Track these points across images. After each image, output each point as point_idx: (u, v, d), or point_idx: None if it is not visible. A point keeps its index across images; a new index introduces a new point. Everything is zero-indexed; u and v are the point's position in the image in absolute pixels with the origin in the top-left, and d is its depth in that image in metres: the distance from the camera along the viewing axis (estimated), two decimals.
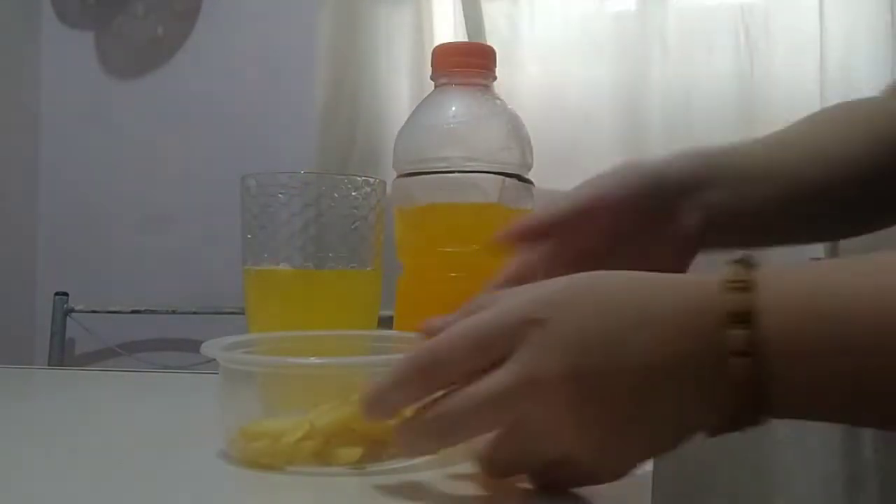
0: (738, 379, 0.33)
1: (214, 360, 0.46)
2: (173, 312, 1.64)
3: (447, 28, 1.49)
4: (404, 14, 1.52)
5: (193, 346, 1.71)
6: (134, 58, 1.80)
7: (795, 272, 0.35)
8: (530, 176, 0.66)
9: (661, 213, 0.51)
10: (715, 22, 1.37)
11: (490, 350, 0.36)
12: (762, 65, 1.33)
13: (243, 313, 0.60)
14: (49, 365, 1.65)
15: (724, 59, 1.34)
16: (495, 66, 0.65)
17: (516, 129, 0.65)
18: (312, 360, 0.46)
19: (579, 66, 1.44)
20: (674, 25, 1.39)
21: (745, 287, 0.34)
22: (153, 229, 1.74)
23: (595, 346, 0.35)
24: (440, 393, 0.37)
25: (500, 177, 0.62)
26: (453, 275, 0.50)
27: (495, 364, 0.36)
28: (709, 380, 0.34)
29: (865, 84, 1.25)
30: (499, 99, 0.65)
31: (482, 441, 0.38)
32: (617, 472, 0.37)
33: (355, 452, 0.42)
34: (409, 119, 0.66)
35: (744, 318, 0.33)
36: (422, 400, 0.38)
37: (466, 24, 1.45)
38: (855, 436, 1.30)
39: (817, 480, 1.30)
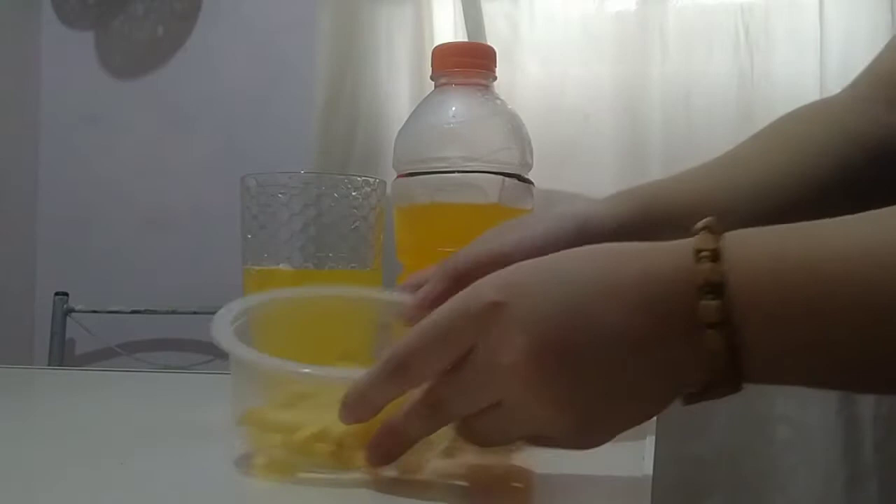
0: (712, 349, 0.33)
1: (214, 360, 0.45)
2: (173, 312, 1.64)
3: (447, 28, 1.49)
4: (404, 14, 1.52)
5: (193, 346, 1.72)
6: (134, 58, 1.79)
7: (761, 237, 0.35)
8: (530, 176, 0.66)
9: None
10: (715, 22, 1.37)
11: (457, 342, 0.37)
12: (762, 65, 1.33)
13: None
14: (49, 365, 1.65)
15: (724, 59, 1.34)
16: (495, 66, 0.65)
17: (516, 129, 0.65)
18: (315, 370, 0.43)
19: (579, 66, 1.44)
20: (674, 25, 1.39)
21: (713, 256, 0.34)
22: (153, 229, 1.74)
23: (560, 320, 0.35)
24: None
25: (500, 177, 0.62)
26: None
27: (468, 353, 0.36)
28: (681, 350, 0.34)
29: None
30: (499, 99, 0.65)
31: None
32: (597, 441, 0.37)
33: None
34: (409, 119, 0.66)
35: (714, 288, 0.33)
36: (396, 397, 0.38)
37: (466, 24, 1.45)
38: (855, 436, 1.30)
39: (817, 480, 1.30)
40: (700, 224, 0.35)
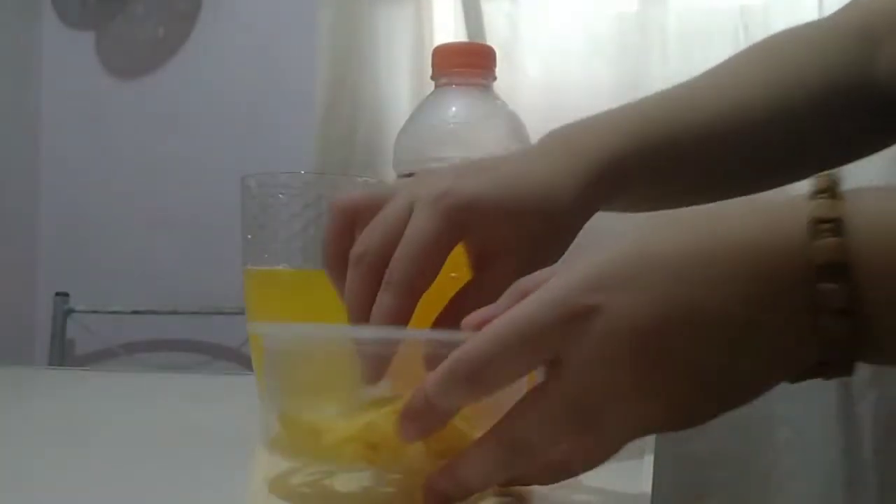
0: (836, 338, 0.30)
1: (215, 360, 0.45)
2: (173, 312, 1.64)
3: (447, 28, 1.49)
4: (404, 14, 1.52)
5: (193, 346, 1.72)
6: (134, 58, 1.79)
7: (882, 201, 0.31)
8: None
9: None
10: (715, 22, 1.37)
11: (540, 347, 0.33)
12: None
13: (243, 313, 0.60)
14: (49, 365, 1.65)
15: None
16: (495, 66, 0.65)
17: (516, 129, 0.64)
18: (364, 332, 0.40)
19: (579, 66, 1.44)
20: (674, 26, 1.39)
21: (833, 230, 0.29)
22: (153, 229, 1.74)
23: (660, 317, 0.31)
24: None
25: None
26: (453, 275, 0.50)
27: (550, 361, 0.33)
28: (798, 338, 0.30)
29: None
30: (499, 99, 0.65)
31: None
32: (697, 422, 0.34)
33: (417, 457, 0.36)
34: (409, 119, 0.66)
35: (837, 269, 0.29)
36: (462, 407, 0.34)
37: (466, 24, 1.45)
38: (855, 436, 1.30)
39: (817, 481, 1.30)
40: (818, 186, 0.31)
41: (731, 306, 0.31)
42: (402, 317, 0.41)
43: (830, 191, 0.31)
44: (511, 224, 0.42)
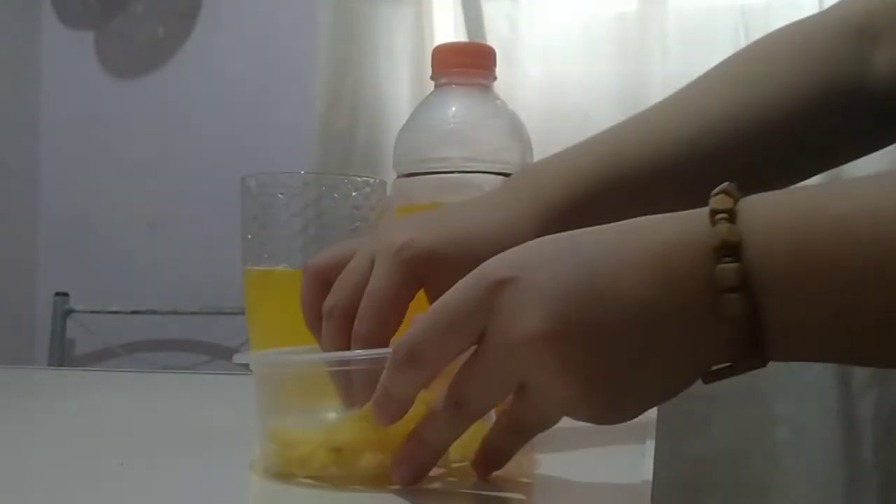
0: (732, 314, 0.32)
1: (214, 360, 0.46)
2: (173, 312, 1.64)
3: (447, 28, 1.49)
4: (404, 14, 1.52)
5: (193, 346, 1.72)
6: (134, 58, 1.80)
7: (780, 196, 0.33)
8: None
9: None
10: (715, 22, 1.37)
11: (465, 325, 0.35)
12: None
13: (243, 313, 0.60)
14: (49, 365, 1.65)
15: None
16: (495, 66, 0.65)
17: (516, 129, 0.64)
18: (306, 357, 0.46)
19: (579, 66, 1.44)
20: (674, 25, 1.39)
21: (730, 217, 0.32)
22: (153, 229, 1.74)
23: (574, 295, 0.33)
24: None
25: (500, 177, 0.62)
26: None
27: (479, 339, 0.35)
28: (701, 318, 0.32)
29: None
30: (499, 99, 0.65)
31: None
32: (623, 416, 0.35)
33: (374, 459, 0.40)
34: (409, 119, 0.66)
35: (732, 250, 0.32)
36: (417, 390, 0.37)
37: (466, 24, 1.45)
38: (855, 436, 1.30)
39: (817, 481, 1.30)
40: (717, 189, 0.34)
41: (645, 290, 0.33)
42: None
43: (728, 192, 0.33)
44: (466, 273, 0.44)
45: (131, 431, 0.56)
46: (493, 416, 0.39)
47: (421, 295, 0.46)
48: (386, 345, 0.43)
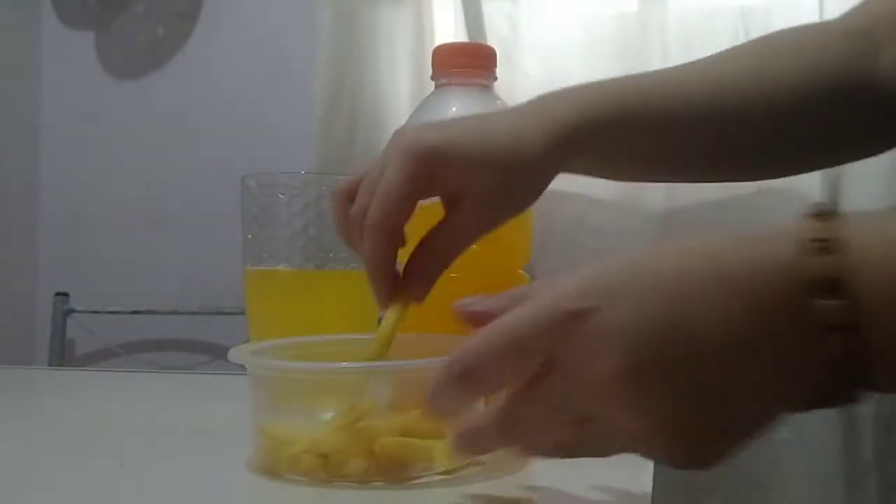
0: (833, 355, 0.29)
1: (214, 360, 0.46)
2: (173, 312, 1.64)
3: (447, 28, 1.49)
4: (404, 14, 1.52)
5: (193, 346, 1.72)
6: (134, 58, 1.79)
7: (880, 220, 0.31)
8: None
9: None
10: (715, 22, 1.37)
11: (528, 353, 0.33)
12: None
13: (243, 313, 0.61)
14: (49, 365, 1.65)
15: None
16: (495, 66, 0.65)
17: None
18: (311, 364, 0.47)
19: (579, 66, 1.43)
20: (674, 25, 1.39)
21: (829, 247, 0.29)
22: (153, 229, 1.74)
23: (658, 329, 0.31)
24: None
25: None
26: (453, 275, 0.50)
27: (542, 365, 0.33)
28: (796, 358, 0.30)
29: None
30: (499, 99, 0.65)
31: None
32: (707, 460, 0.33)
33: (360, 465, 0.41)
34: (409, 119, 0.66)
35: (833, 285, 0.29)
36: (465, 404, 0.36)
37: (466, 24, 1.45)
38: (855, 436, 1.30)
39: (817, 480, 1.30)
40: (811, 209, 0.31)
41: (728, 326, 0.30)
42: (379, 255, 0.45)
43: (823, 214, 0.31)
44: (475, 169, 0.45)
45: (131, 431, 0.56)
46: None
47: (431, 211, 0.47)
48: (392, 235, 0.45)
